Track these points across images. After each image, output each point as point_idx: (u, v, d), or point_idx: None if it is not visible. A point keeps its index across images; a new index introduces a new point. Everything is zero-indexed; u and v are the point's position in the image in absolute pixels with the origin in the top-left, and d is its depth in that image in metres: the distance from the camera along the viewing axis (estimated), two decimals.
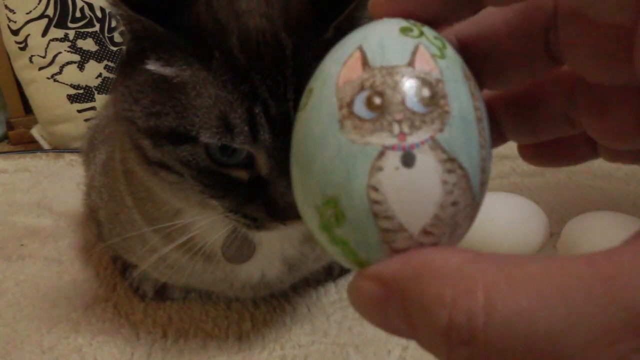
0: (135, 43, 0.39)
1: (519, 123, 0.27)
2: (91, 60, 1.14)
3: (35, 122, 1.21)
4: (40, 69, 1.13)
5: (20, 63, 1.15)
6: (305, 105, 0.21)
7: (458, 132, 0.19)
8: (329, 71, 0.21)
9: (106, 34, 1.15)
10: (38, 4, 1.12)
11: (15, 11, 1.12)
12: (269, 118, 0.36)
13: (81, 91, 1.14)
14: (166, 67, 0.38)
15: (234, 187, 0.39)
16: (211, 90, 0.36)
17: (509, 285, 0.16)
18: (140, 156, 0.41)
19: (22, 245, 0.74)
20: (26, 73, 1.15)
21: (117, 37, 1.15)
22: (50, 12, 1.12)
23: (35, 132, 1.21)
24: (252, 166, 0.39)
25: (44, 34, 1.12)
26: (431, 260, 0.18)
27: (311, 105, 0.21)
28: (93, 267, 0.67)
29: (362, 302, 0.19)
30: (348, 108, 0.19)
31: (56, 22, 1.13)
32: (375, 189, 0.18)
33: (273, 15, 0.38)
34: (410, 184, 0.18)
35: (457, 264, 0.18)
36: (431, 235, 0.19)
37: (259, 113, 0.36)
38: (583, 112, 0.25)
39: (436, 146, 0.19)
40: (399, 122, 0.19)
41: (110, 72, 1.15)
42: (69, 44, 1.13)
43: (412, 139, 0.18)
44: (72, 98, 1.14)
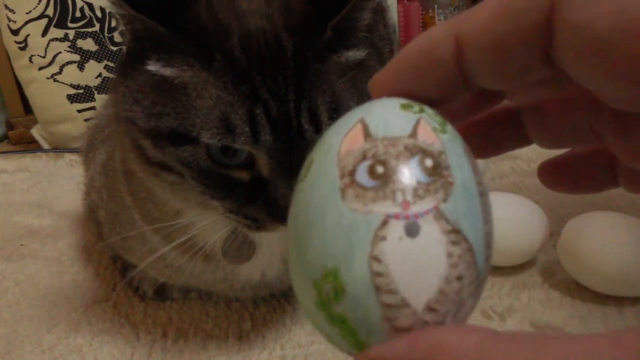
0: (135, 43, 0.39)
1: (543, 127, 0.26)
2: (91, 60, 1.15)
3: (35, 122, 1.21)
4: (40, 69, 1.13)
5: (20, 63, 1.15)
6: (305, 176, 0.21)
7: (462, 204, 0.19)
8: (331, 142, 0.20)
9: (106, 34, 1.15)
10: (38, 4, 1.12)
11: (15, 11, 1.12)
12: (270, 119, 0.36)
13: (81, 91, 1.14)
14: (167, 68, 0.38)
15: (235, 188, 0.39)
16: (212, 91, 0.36)
17: None
18: (140, 157, 0.41)
19: (22, 245, 0.74)
20: (26, 73, 1.15)
21: (117, 37, 1.15)
22: (50, 12, 1.12)
23: (35, 132, 1.21)
24: (253, 167, 0.39)
25: (44, 34, 1.12)
26: (442, 340, 0.16)
27: (311, 176, 0.20)
28: (93, 267, 0.67)
29: None
30: (350, 177, 0.19)
31: (56, 22, 1.13)
32: (377, 260, 0.18)
33: (273, 15, 0.38)
34: (414, 255, 0.18)
35: (474, 344, 0.16)
36: (435, 312, 0.18)
37: (260, 114, 0.36)
38: (607, 128, 0.24)
39: (440, 216, 0.18)
40: (402, 191, 0.18)
41: (110, 72, 1.15)
42: (69, 44, 1.13)
43: (416, 208, 0.18)
44: (72, 98, 1.14)
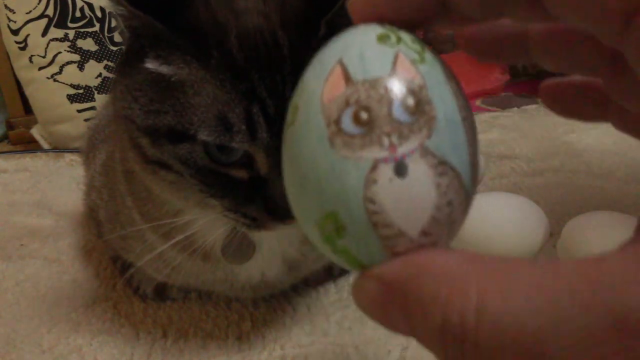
0: (134, 41, 0.39)
1: (548, 51, 0.26)
2: (91, 60, 1.15)
3: (35, 122, 1.21)
4: (40, 69, 1.13)
5: (20, 63, 1.15)
6: (292, 122, 0.21)
7: (446, 135, 0.20)
8: (313, 88, 0.21)
9: (106, 34, 1.15)
10: (38, 4, 1.12)
11: (15, 11, 1.12)
12: (267, 117, 0.36)
13: (81, 91, 1.14)
14: (164, 66, 0.38)
15: (234, 187, 0.39)
16: (209, 89, 0.36)
17: (501, 286, 0.17)
18: (139, 155, 0.41)
19: (22, 245, 0.74)
20: (26, 73, 1.15)
21: (117, 37, 1.15)
22: (50, 12, 1.12)
23: (35, 132, 1.21)
24: (252, 165, 0.39)
25: (44, 34, 1.12)
26: (430, 261, 0.19)
27: (298, 123, 0.21)
28: (93, 267, 0.67)
29: (365, 301, 0.20)
30: (336, 125, 0.20)
31: (56, 22, 1.13)
32: (372, 201, 0.19)
33: (270, 13, 0.38)
34: (405, 193, 0.19)
35: (454, 265, 0.18)
36: (430, 235, 0.19)
37: (257, 112, 0.36)
38: (601, 62, 0.25)
39: (426, 152, 0.19)
40: (388, 135, 0.19)
41: (110, 72, 1.15)
42: (69, 44, 1.13)
43: (403, 149, 0.19)
44: (72, 98, 1.14)
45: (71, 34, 1.13)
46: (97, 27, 1.15)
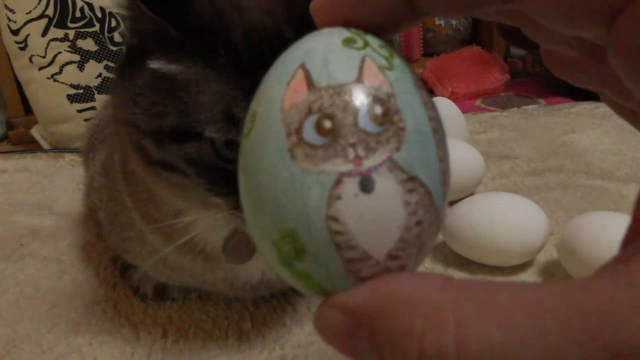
0: (137, 42, 0.39)
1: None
2: (91, 60, 1.14)
3: (35, 122, 1.21)
4: (40, 69, 1.13)
5: (20, 63, 1.15)
6: (249, 131, 0.19)
7: (415, 149, 0.18)
8: (273, 94, 0.19)
9: (106, 34, 1.15)
10: (38, 4, 1.12)
11: (15, 11, 1.12)
12: None
13: (81, 91, 1.14)
14: (170, 65, 0.38)
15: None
16: (215, 86, 0.37)
17: (481, 316, 0.16)
18: (141, 157, 0.41)
19: (22, 245, 0.74)
20: (26, 73, 1.15)
21: (117, 37, 1.15)
22: (50, 12, 1.12)
23: (35, 132, 1.21)
24: None
25: (44, 34, 1.12)
26: (400, 288, 0.17)
27: (256, 132, 0.19)
28: (93, 267, 0.67)
29: (329, 333, 0.19)
30: (297, 135, 0.18)
31: (56, 22, 1.13)
32: (335, 220, 0.17)
33: (275, 10, 0.38)
34: (371, 211, 0.17)
35: (426, 293, 0.17)
36: (398, 258, 0.18)
37: None
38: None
39: (394, 167, 0.18)
40: (353, 146, 0.17)
41: (110, 72, 1.15)
42: (69, 44, 1.13)
43: (369, 163, 0.17)
44: (72, 98, 1.14)
45: (71, 34, 1.13)
46: (97, 27, 1.15)
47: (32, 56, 1.13)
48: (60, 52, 1.13)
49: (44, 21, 1.12)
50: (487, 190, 0.79)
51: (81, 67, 1.14)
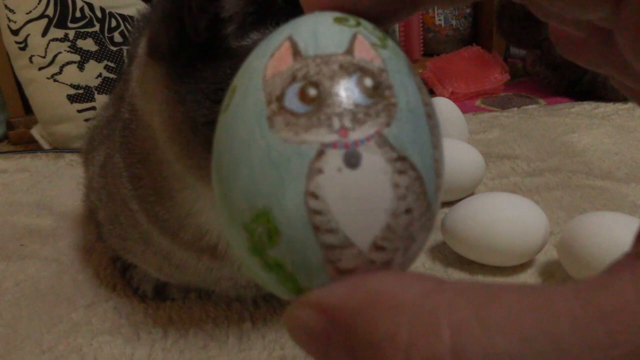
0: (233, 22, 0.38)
1: None
2: (91, 60, 1.14)
3: (35, 122, 1.21)
4: (40, 69, 1.13)
5: (20, 63, 1.15)
6: (227, 106, 0.18)
7: (408, 128, 0.16)
8: (254, 65, 0.17)
9: (106, 34, 1.15)
10: (38, 4, 1.12)
11: (15, 11, 1.12)
12: None
13: (81, 91, 1.14)
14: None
15: None
16: None
17: (482, 322, 0.13)
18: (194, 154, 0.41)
19: (22, 245, 0.74)
20: (26, 73, 1.15)
21: (117, 37, 1.15)
22: (50, 12, 1.12)
23: (35, 132, 1.21)
24: None
25: (44, 34, 1.12)
26: (384, 288, 0.15)
27: (234, 104, 0.17)
28: (93, 267, 0.67)
29: (300, 334, 0.16)
30: (278, 102, 0.16)
31: (56, 22, 1.13)
32: (314, 196, 0.15)
33: None
34: (356, 189, 0.15)
35: (417, 295, 0.14)
36: (383, 251, 0.16)
37: None
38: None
39: (384, 143, 0.16)
40: (340, 115, 0.16)
41: (110, 72, 1.15)
42: (69, 44, 1.13)
43: (356, 135, 0.16)
44: (72, 98, 1.14)
45: (71, 34, 1.13)
46: (97, 28, 1.15)
47: (32, 56, 1.13)
48: (60, 52, 1.13)
49: (44, 21, 1.12)
50: (487, 190, 0.79)
51: (81, 67, 1.14)
